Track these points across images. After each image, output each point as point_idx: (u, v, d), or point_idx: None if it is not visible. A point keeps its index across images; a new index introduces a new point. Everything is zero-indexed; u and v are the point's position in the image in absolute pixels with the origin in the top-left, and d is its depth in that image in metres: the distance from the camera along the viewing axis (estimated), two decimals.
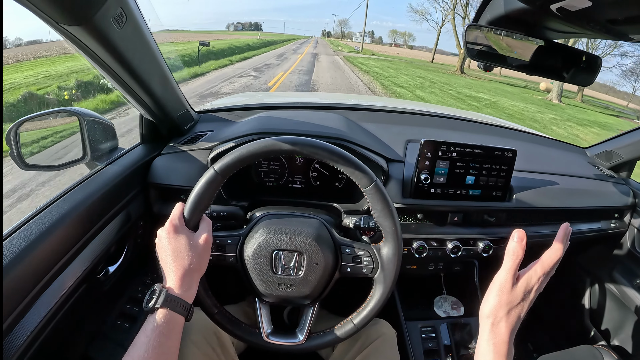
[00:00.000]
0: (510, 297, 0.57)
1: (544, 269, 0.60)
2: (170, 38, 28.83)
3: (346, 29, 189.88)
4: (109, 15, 0.66)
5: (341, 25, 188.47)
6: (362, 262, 0.75)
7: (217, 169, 0.69)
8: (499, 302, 0.57)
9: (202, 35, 50.23)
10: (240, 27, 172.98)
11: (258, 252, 0.73)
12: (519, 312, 0.58)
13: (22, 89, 6.11)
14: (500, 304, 0.57)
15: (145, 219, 1.05)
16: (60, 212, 0.75)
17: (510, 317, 0.57)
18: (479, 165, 1.00)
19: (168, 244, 0.66)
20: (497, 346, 0.56)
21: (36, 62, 10.98)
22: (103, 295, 0.92)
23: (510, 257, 0.60)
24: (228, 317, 0.78)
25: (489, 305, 0.58)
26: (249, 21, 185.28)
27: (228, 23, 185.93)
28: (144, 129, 1.10)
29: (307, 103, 1.50)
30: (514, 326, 0.57)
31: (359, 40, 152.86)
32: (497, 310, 0.57)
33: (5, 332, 0.61)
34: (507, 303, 0.57)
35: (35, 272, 0.67)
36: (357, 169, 0.70)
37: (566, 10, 0.60)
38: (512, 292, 0.58)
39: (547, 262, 0.60)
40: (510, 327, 0.57)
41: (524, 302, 0.58)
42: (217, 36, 43.31)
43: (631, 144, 1.28)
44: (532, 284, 0.58)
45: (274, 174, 1.13)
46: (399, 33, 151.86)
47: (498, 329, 0.57)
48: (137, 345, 0.57)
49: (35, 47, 14.28)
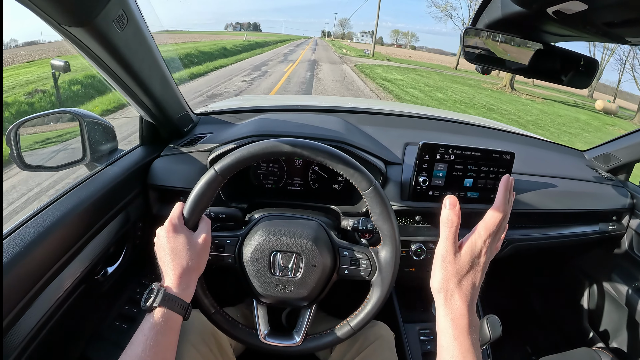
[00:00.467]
0: (456, 267, 0.54)
1: (488, 230, 0.54)
2: (165, 39, 21.68)
3: (347, 28, 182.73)
4: (111, 17, 0.66)
5: (342, 25, 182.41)
6: (360, 265, 0.75)
7: (217, 170, 0.69)
8: (445, 274, 0.54)
9: (196, 36, 42.73)
10: (238, 27, 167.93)
11: (256, 253, 0.73)
12: (472, 280, 0.54)
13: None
14: (447, 277, 0.54)
15: (144, 220, 1.06)
16: (59, 213, 0.76)
17: (463, 288, 0.53)
18: (477, 167, 1.01)
19: (167, 243, 0.66)
20: (456, 320, 0.52)
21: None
22: (101, 296, 0.92)
23: (446, 226, 0.56)
24: (225, 318, 0.78)
25: (436, 280, 0.54)
26: (247, 21, 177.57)
27: (226, 23, 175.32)
28: (144, 130, 1.11)
29: (306, 106, 1.50)
30: (470, 296, 0.53)
31: (362, 40, 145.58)
32: (446, 284, 0.53)
33: (3, 332, 0.61)
34: (454, 274, 0.53)
35: (33, 272, 0.67)
36: (357, 171, 0.70)
37: (562, 14, 0.61)
38: (457, 261, 0.54)
39: (490, 222, 0.55)
40: (465, 298, 0.53)
41: (474, 269, 0.54)
42: (208, 37, 37.60)
43: (629, 147, 1.28)
44: (477, 248, 0.54)
45: (272, 176, 1.13)
46: (401, 33, 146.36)
47: (452, 302, 0.53)
48: (134, 344, 0.57)
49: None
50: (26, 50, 13.38)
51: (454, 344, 0.51)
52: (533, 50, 0.87)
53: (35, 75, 7.73)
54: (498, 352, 1.23)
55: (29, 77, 7.53)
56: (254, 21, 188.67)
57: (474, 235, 0.55)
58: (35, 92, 6.27)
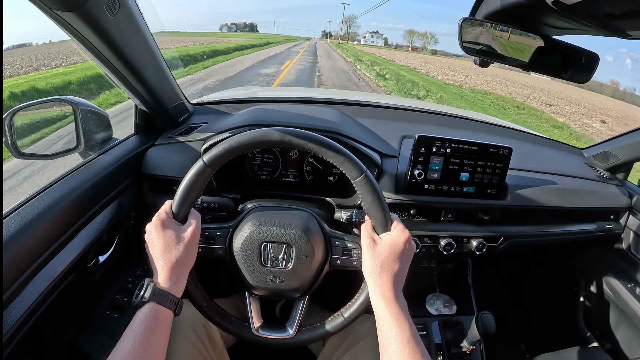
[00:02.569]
0: (378, 251, 0.68)
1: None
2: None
3: (353, 28, 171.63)
4: (102, 2, 0.66)
5: (347, 24, 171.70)
6: (352, 255, 0.75)
7: (205, 160, 0.68)
8: (370, 258, 0.68)
9: (187, 38, 38.59)
10: (234, 28, 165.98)
11: (247, 244, 0.73)
12: (396, 263, 0.67)
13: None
14: (373, 260, 0.67)
15: (137, 209, 1.05)
16: (51, 200, 0.75)
17: (387, 269, 0.67)
18: (473, 162, 1.00)
19: (156, 239, 0.66)
20: (384, 293, 0.65)
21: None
22: (93, 284, 0.91)
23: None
24: (217, 310, 0.77)
25: (365, 264, 0.68)
26: (243, 22, 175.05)
27: (221, 24, 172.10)
28: (139, 119, 1.10)
29: (303, 97, 1.49)
30: (395, 276, 0.67)
31: (370, 42, 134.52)
32: (371, 266, 0.67)
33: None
34: (377, 257, 0.67)
35: (23, 259, 0.67)
36: (347, 159, 0.69)
37: (562, 4, 0.60)
38: (378, 246, 0.68)
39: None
40: (390, 277, 0.66)
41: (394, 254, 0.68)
42: (200, 39, 34.97)
43: (628, 145, 1.27)
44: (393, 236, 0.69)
45: (267, 167, 1.12)
46: (417, 34, 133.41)
47: (381, 280, 0.66)
48: (124, 340, 0.57)
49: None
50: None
51: (387, 311, 0.63)
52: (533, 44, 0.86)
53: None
54: (492, 348, 1.23)
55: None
56: (251, 21, 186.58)
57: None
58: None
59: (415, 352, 0.59)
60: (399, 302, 0.64)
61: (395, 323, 0.62)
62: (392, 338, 0.61)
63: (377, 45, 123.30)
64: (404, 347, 0.60)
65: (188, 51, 19.68)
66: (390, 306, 0.63)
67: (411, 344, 0.60)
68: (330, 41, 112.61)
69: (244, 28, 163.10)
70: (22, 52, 17.10)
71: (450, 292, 1.31)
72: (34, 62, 13.24)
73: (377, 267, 0.66)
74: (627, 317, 1.27)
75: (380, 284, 0.65)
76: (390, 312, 0.63)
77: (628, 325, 1.28)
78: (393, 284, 0.65)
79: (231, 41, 33.92)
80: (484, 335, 1.00)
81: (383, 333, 0.63)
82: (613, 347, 1.34)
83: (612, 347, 1.34)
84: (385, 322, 0.63)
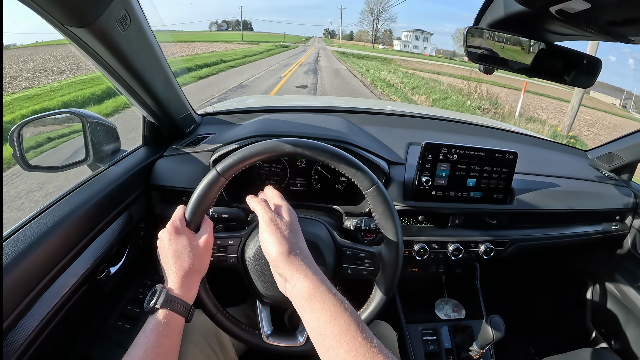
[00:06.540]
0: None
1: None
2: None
3: (383, 23, 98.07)
4: (113, 18, 0.67)
5: (372, 14, 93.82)
6: (363, 264, 0.75)
7: (219, 170, 0.69)
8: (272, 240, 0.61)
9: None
10: (224, 26, 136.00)
11: (259, 253, 0.73)
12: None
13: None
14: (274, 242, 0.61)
15: (147, 220, 1.06)
16: (62, 213, 0.76)
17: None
18: (480, 167, 1.01)
19: (169, 246, 0.66)
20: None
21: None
22: (104, 296, 0.92)
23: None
24: (228, 318, 0.77)
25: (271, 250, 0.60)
26: (235, 19, 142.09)
27: (211, 22, 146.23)
28: (147, 131, 1.11)
29: (309, 106, 1.51)
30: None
31: (410, 47, 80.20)
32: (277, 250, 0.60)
33: (5, 332, 0.61)
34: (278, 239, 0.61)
35: (36, 271, 0.67)
36: (359, 171, 0.70)
37: (565, 13, 0.61)
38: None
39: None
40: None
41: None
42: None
43: (632, 146, 1.28)
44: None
45: (275, 176, 1.13)
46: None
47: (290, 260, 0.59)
48: (136, 346, 0.57)
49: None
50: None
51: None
52: (536, 50, 0.87)
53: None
54: (501, 352, 1.23)
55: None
56: (244, 19, 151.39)
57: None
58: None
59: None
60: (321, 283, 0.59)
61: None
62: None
63: (424, 53, 76.97)
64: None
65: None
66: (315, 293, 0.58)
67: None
68: (340, 44, 78.06)
69: (237, 26, 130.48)
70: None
71: (459, 296, 1.31)
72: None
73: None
74: (635, 317, 1.27)
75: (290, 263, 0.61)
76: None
77: (636, 325, 1.28)
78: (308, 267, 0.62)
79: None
80: (494, 338, 1.00)
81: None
82: (622, 347, 1.33)
83: (620, 348, 1.34)
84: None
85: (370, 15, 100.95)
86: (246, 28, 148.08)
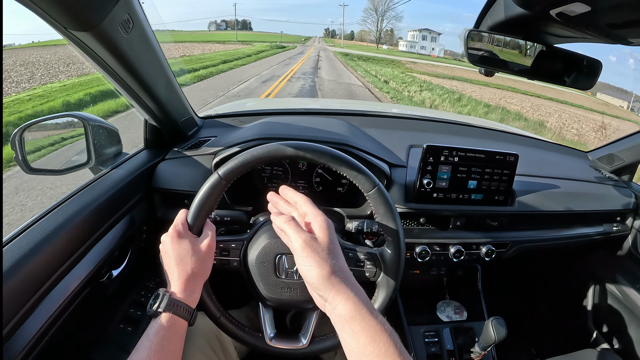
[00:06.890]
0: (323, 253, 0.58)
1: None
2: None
3: (387, 22, 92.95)
4: (116, 21, 0.67)
5: (377, 12, 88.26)
6: (364, 266, 0.75)
7: (221, 174, 0.69)
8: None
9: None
10: (224, 25, 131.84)
11: (261, 256, 0.73)
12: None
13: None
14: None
15: (149, 223, 1.06)
16: (64, 216, 0.76)
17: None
18: (481, 169, 1.01)
19: (171, 250, 0.66)
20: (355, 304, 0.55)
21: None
22: (106, 299, 0.92)
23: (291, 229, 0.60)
24: (231, 321, 0.78)
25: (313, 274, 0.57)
26: (234, 18, 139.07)
27: (209, 21, 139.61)
28: (148, 134, 1.11)
29: (310, 109, 1.51)
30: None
31: (417, 47, 77.07)
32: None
33: (7, 335, 0.61)
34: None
35: (38, 275, 0.67)
36: (360, 173, 0.70)
37: (566, 15, 0.61)
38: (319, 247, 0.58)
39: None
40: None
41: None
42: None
43: (633, 147, 1.28)
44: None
45: (277, 179, 1.13)
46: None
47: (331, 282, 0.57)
48: (139, 349, 0.58)
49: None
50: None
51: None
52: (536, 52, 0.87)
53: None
54: (503, 353, 1.23)
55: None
56: (243, 18, 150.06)
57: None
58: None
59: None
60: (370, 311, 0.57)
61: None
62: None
63: (432, 54, 74.67)
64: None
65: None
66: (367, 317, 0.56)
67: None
68: (342, 44, 75.21)
69: (236, 25, 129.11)
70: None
71: (461, 298, 1.32)
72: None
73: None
74: (637, 318, 1.27)
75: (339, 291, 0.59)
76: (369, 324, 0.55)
77: (638, 325, 1.28)
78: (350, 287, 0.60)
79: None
80: (496, 340, 1.00)
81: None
82: (623, 348, 1.33)
83: (622, 348, 1.34)
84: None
85: (375, 13, 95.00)
86: (245, 27, 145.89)
